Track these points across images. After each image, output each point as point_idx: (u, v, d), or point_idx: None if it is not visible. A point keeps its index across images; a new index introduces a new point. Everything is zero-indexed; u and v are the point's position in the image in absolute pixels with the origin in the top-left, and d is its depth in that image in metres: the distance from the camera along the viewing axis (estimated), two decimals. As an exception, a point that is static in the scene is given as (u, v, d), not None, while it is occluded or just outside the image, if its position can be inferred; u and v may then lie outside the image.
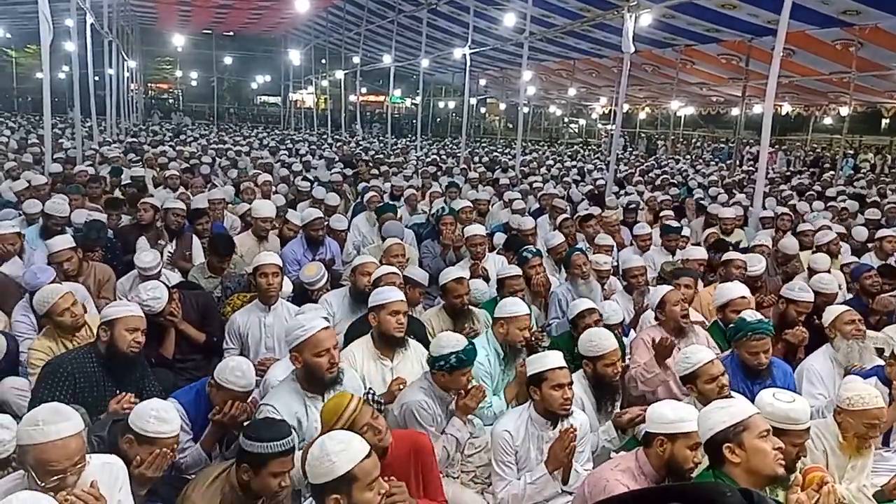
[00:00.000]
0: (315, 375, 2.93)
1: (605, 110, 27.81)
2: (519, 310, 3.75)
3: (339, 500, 2.05)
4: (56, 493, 2.06)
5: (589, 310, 4.16)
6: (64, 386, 3.11)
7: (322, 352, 2.91)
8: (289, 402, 2.93)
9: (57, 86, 13.65)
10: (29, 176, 7.78)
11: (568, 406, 2.99)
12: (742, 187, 12.11)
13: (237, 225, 6.88)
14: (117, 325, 3.18)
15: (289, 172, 11.12)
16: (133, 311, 3.27)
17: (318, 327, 2.93)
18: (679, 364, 3.24)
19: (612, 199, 9.05)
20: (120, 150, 13.25)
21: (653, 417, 2.57)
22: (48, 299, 3.57)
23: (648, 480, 2.55)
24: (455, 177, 11.59)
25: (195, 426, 3.06)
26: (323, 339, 2.92)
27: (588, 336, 3.48)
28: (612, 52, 16.94)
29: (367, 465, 2.09)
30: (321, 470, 2.07)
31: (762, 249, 5.90)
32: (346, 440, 2.15)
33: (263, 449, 2.34)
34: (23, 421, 2.16)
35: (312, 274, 4.57)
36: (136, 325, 3.22)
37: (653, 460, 2.54)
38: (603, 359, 3.38)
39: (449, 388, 3.17)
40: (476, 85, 28.91)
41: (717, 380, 3.10)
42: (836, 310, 4.03)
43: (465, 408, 3.14)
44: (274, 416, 2.85)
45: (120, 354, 3.18)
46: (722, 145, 28.66)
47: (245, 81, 40.98)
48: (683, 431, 2.48)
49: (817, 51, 13.13)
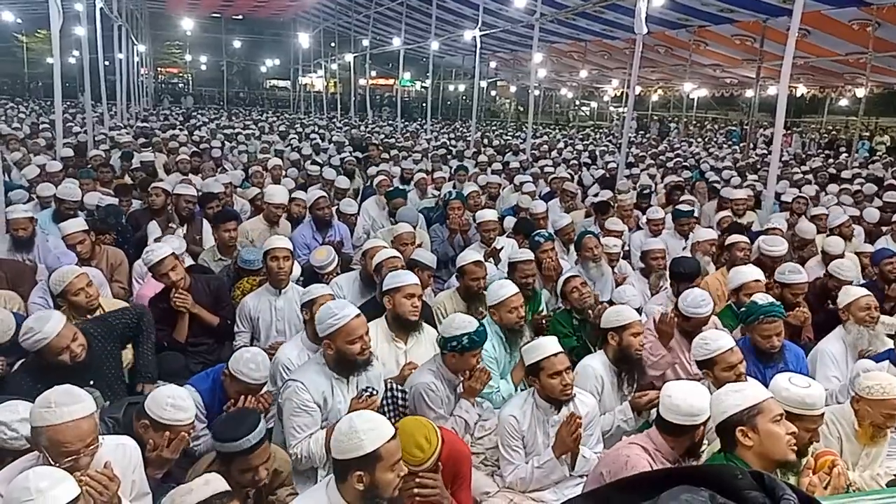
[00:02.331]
0: (346, 360, 2.95)
1: (617, 93, 27.63)
2: (505, 293, 3.76)
3: (361, 478, 2.09)
4: (70, 473, 2.08)
5: (570, 276, 4.30)
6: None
7: (356, 339, 2.92)
8: (316, 380, 2.95)
9: (67, 71, 13.69)
10: (42, 161, 7.83)
11: (569, 391, 2.99)
12: (756, 170, 11.99)
13: (247, 209, 6.89)
14: None
15: (299, 156, 11.12)
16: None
17: (351, 315, 2.92)
18: (697, 348, 3.21)
19: (623, 182, 8.99)
20: (130, 134, 13.31)
21: (669, 407, 2.55)
22: (64, 279, 3.62)
23: (665, 459, 2.57)
24: (465, 160, 11.56)
25: (210, 413, 3.08)
26: (357, 327, 2.93)
27: (612, 309, 3.57)
28: (624, 34, 16.74)
29: (392, 447, 2.13)
30: (348, 446, 2.10)
31: (776, 232, 5.85)
32: (374, 420, 2.19)
33: (223, 448, 2.40)
34: (35, 403, 2.18)
35: (322, 258, 4.59)
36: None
37: (670, 443, 2.56)
38: (628, 328, 3.41)
39: (458, 369, 3.18)
40: (486, 67, 28.71)
41: (734, 368, 3.07)
42: (853, 292, 3.97)
43: (470, 390, 3.16)
44: (302, 392, 2.88)
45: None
46: (735, 128, 28.39)
47: (254, 65, 40.98)
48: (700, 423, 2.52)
49: (833, 31, 12.90)
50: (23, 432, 2.37)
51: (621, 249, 5.63)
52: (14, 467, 2.21)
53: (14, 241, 4.92)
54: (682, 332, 3.81)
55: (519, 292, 3.83)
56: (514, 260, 4.62)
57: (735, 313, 4.15)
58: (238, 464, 2.39)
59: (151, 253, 4.01)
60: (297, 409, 2.89)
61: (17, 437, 2.39)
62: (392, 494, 2.15)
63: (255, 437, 2.40)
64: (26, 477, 1.83)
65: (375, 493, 2.11)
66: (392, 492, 2.15)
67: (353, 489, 2.10)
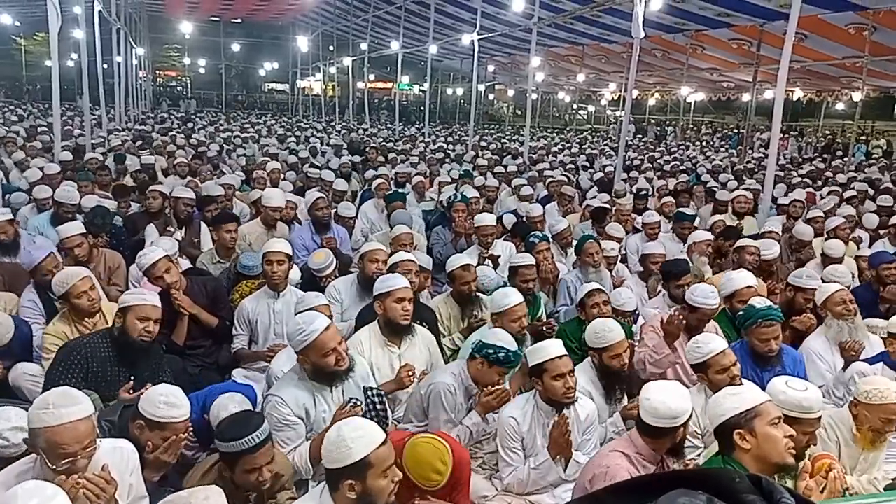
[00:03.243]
0: (324, 372, 2.92)
1: (615, 96, 27.63)
2: (509, 302, 3.67)
3: (353, 486, 2.06)
4: (67, 475, 2.08)
5: (597, 290, 4.16)
6: (77, 369, 3.14)
7: (328, 352, 2.87)
8: (296, 394, 2.92)
9: (65, 74, 13.70)
10: (41, 164, 7.82)
11: (571, 395, 2.98)
12: (752, 174, 12.01)
13: (247, 212, 6.88)
14: (129, 313, 3.21)
15: (297, 160, 11.11)
16: (148, 300, 3.29)
17: (320, 329, 2.84)
18: (690, 352, 3.23)
19: (620, 185, 9.00)
20: (127, 137, 13.28)
21: (647, 409, 2.54)
22: (66, 281, 3.60)
23: (647, 461, 2.57)
24: (464, 164, 11.56)
25: (199, 439, 3.01)
26: (327, 341, 2.85)
27: (594, 328, 3.46)
28: (621, 38, 16.77)
29: (382, 453, 2.09)
30: (337, 455, 2.07)
31: (773, 236, 5.86)
32: (363, 426, 2.15)
33: (228, 448, 2.39)
34: (34, 405, 2.17)
35: (321, 260, 4.58)
36: (148, 314, 3.23)
37: (651, 445, 2.57)
38: (608, 350, 3.37)
39: (479, 380, 3.15)
40: (484, 71, 28.76)
41: (728, 370, 3.08)
42: (827, 289, 4.06)
43: (487, 405, 3.12)
44: (281, 407, 2.86)
45: (131, 342, 3.20)
46: (731, 131, 28.44)
47: (253, 68, 40.95)
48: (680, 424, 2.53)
49: (830, 35, 12.94)
50: (14, 441, 2.37)
51: (619, 253, 5.63)
52: (10, 471, 2.20)
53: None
54: (686, 330, 3.80)
55: (523, 302, 3.76)
56: (515, 264, 4.59)
57: (729, 318, 4.15)
58: (243, 464, 2.38)
59: (144, 257, 4.01)
60: (279, 424, 2.86)
61: (7, 446, 2.40)
62: (388, 501, 2.12)
63: (259, 434, 2.40)
64: (14, 494, 1.76)
65: (369, 500, 2.08)
66: (387, 498, 2.12)
67: (345, 498, 2.07)
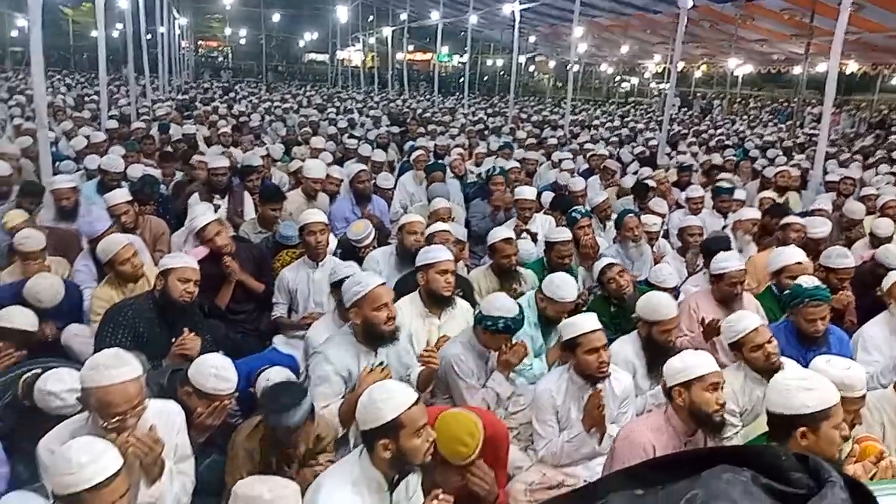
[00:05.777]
0: (374, 330, 3.00)
1: (659, 69, 26.98)
2: (566, 296, 3.62)
3: (387, 445, 2.13)
4: (118, 433, 2.16)
5: (608, 265, 4.17)
6: (125, 330, 3.25)
7: (381, 306, 2.99)
8: (341, 352, 3.02)
9: (111, 43, 13.91)
10: (87, 132, 8.01)
11: (605, 368, 2.98)
12: (803, 149, 11.64)
13: (286, 182, 6.96)
14: (171, 274, 3.30)
15: (336, 130, 11.16)
16: (187, 262, 3.38)
17: (376, 283, 3.02)
18: (725, 332, 3.19)
19: (664, 159, 8.82)
20: (172, 106, 13.49)
21: (667, 373, 2.57)
22: (111, 249, 3.72)
23: (678, 433, 2.56)
24: (503, 136, 11.46)
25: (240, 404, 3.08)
26: (381, 294, 3.00)
27: (649, 299, 3.42)
28: (667, 8, 16.30)
29: (413, 413, 2.15)
30: (370, 416, 2.15)
31: (822, 214, 5.69)
32: (392, 389, 2.21)
33: (273, 422, 2.47)
34: (86, 365, 2.26)
35: (360, 231, 4.61)
36: (188, 276, 3.32)
37: (679, 413, 2.55)
38: (661, 324, 3.33)
39: (489, 346, 3.23)
40: (525, 42, 28.27)
41: (762, 348, 3.02)
42: (895, 276, 3.89)
43: (506, 363, 3.19)
44: (325, 364, 2.97)
45: (172, 302, 3.29)
46: (781, 106, 27.55)
47: (293, 39, 41.03)
48: (696, 376, 2.49)
49: (888, 5, 12.38)
50: (70, 401, 2.49)
51: (661, 228, 5.54)
52: (64, 427, 2.30)
53: (58, 210, 5.06)
54: (720, 302, 3.82)
55: (576, 299, 3.72)
56: (551, 240, 4.55)
57: (775, 296, 4.06)
58: (281, 434, 2.49)
59: (196, 219, 4.12)
60: (318, 380, 2.98)
61: (64, 406, 2.51)
62: (423, 460, 2.18)
63: (301, 412, 2.47)
64: (69, 447, 1.87)
65: (404, 459, 2.15)
66: (423, 457, 2.18)
67: (381, 458, 2.15)
